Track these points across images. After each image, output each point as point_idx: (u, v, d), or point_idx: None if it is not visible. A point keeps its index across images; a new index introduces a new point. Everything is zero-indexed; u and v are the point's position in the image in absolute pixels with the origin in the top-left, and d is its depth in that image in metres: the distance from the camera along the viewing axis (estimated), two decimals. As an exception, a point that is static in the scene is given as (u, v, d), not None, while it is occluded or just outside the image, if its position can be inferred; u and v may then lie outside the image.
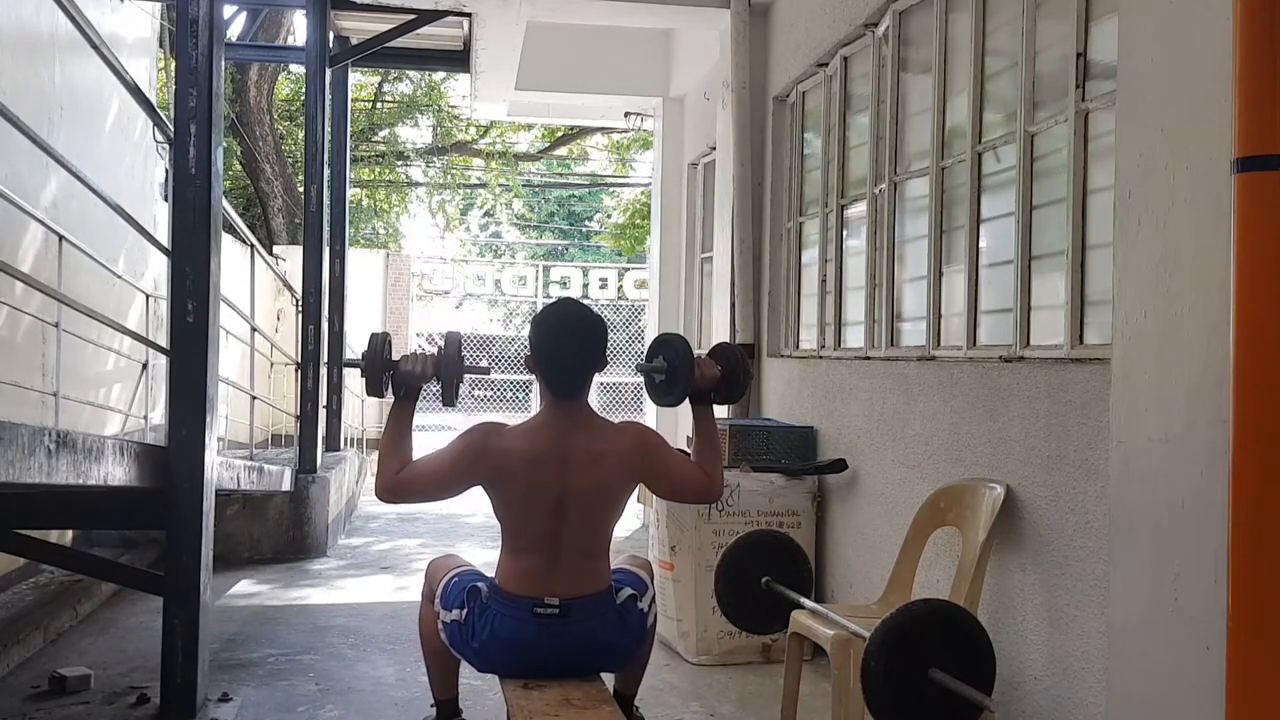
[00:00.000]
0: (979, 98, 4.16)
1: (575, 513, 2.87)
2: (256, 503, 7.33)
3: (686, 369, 3.03)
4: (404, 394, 2.97)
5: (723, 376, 3.09)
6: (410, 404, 2.98)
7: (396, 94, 19.26)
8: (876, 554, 4.59)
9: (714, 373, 3.08)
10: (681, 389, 3.06)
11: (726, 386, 3.11)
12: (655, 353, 3.17)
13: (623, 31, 8.75)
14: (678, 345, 3.11)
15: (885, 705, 2.63)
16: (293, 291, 10.00)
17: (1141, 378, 2.52)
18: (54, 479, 2.97)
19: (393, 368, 2.94)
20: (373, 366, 2.91)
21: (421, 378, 2.94)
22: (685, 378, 3.03)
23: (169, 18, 8.83)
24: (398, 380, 2.95)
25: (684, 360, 3.04)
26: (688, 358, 3.04)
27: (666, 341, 3.17)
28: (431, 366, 2.94)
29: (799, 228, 6.14)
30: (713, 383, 3.08)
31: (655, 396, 3.21)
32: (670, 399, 3.12)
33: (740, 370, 3.11)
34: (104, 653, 4.88)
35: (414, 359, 2.95)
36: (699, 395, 3.10)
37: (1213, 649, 2.17)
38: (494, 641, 2.88)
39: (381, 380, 2.94)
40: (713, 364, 3.10)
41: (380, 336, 2.97)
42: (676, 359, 3.07)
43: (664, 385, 3.12)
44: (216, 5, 4.01)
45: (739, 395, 3.16)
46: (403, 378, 2.94)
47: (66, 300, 3.89)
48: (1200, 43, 2.35)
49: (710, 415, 3.13)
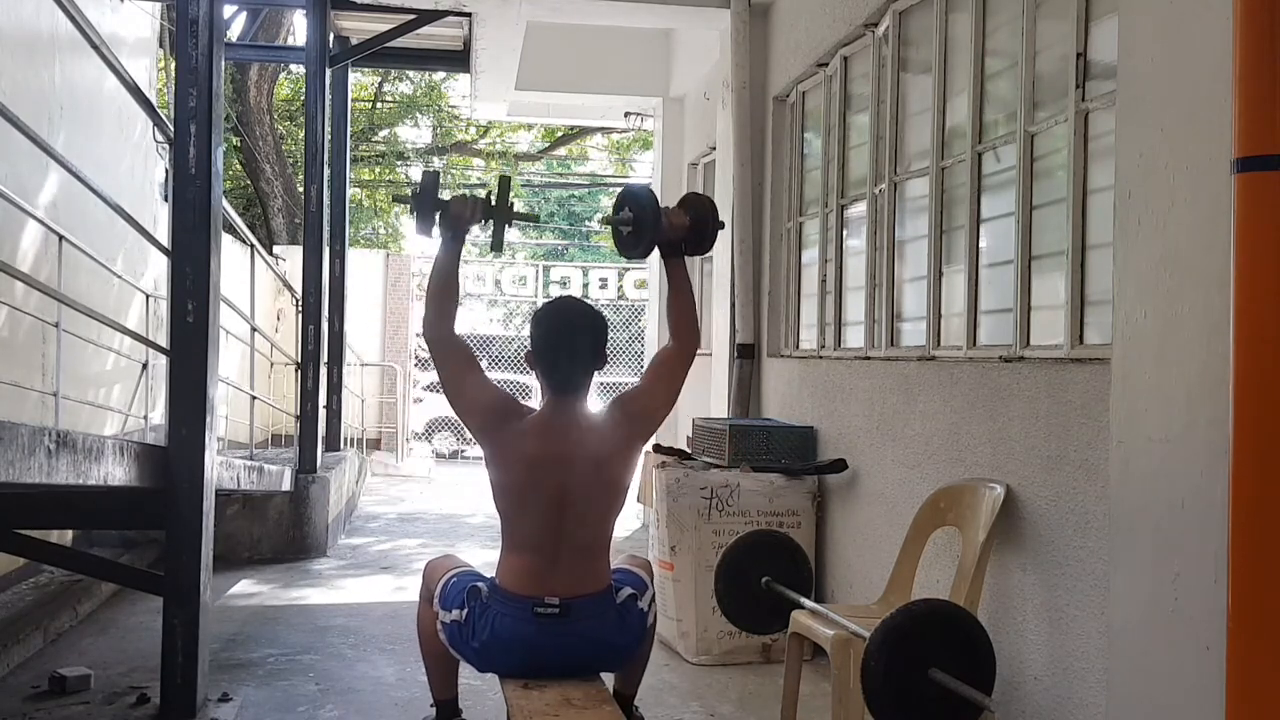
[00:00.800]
0: (979, 98, 4.16)
1: (575, 512, 2.87)
2: (256, 503, 7.33)
3: (652, 218, 3.00)
4: (452, 235, 2.97)
5: (691, 225, 3.06)
6: (458, 247, 2.99)
7: (396, 94, 19.27)
8: (876, 554, 4.59)
9: (683, 221, 3.06)
10: (649, 238, 3.04)
11: (696, 235, 3.08)
12: (621, 205, 3.14)
13: (623, 31, 8.75)
14: (642, 195, 3.10)
15: (885, 705, 2.63)
16: (293, 291, 10.00)
17: (1141, 378, 2.52)
18: (54, 479, 2.97)
19: (443, 207, 2.94)
20: (424, 203, 2.92)
21: (471, 219, 2.97)
22: (651, 226, 3.01)
23: (169, 18, 8.83)
24: (447, 220, 2.95)
25: (649, 210, 3.02)
26: (653, 207, 3.02)
27: (632, 193, 3.15)
28: (482, 208, 2.95)
29: (799, 228, 6.14)
30: (682, 232, 3.06)
31: (623, 249, 3.19)
32: (639, 250, 3.10)
33: (709, 217, 3.09)
34: (104, 653, 4.88)
35: (464, 200, 2.96)
36: (669, 246, 3.08)
37: (1213, 649, 2.17)
38: (494, 641, 2.88)
39: (431, 218, 2.94)
40: (681, 213, 3.08)
41: (432, 175, 2.99)
42: (641, 210, 3.05)
43: (631, 237, 3.10)
44: (216, 5, 4.01)
45: (709, 244, 3.14)
46: (453, 218, 2.95)
47: (66, 300, 3.89)
48: (1200, 43, 2.35)
49: (681, 266, 3.11)
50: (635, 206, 3.08)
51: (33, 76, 6.21)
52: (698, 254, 3.17)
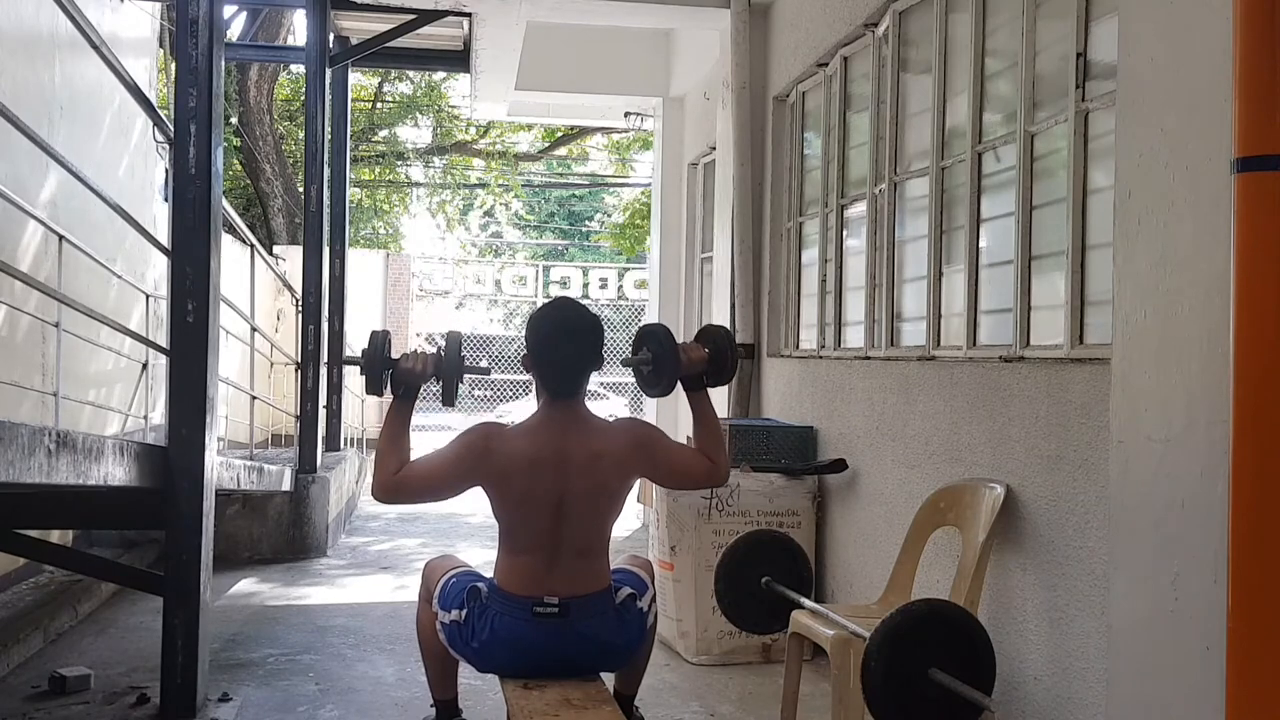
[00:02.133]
0: (979, 98, 4.16)
1: (574, 512, 2.87)
2: (256, 503, 7.33)
3: (671, 357, 3.03)
4: (403, 393, 2.96)
5: (710, 358, 3.09)
6: (409, 403, 2.97)
7: (396, 94, 19.26)
8: (876, 554, 4.59)
9: (701, 355, 3.07)
10: (669, 377, 3.06)
11: (715, 368, 3.10)
12: (640, 345, 3.18)
13: (623, 31, 8.75)
14: (660, 334, 3.12)
15: (885, 705, 2.63)
16: (293, 291, 10.00)
17: (1141, 378, 2.52)
18: (54, 479, 2.97)
19: (392, 366, 2.93)
20: (373, 364, 2.91)
21: (421, 376, 2.94)
22: (671, 365, 3.03)
23: (169, 18, 8.83)
24: (397, 379, 2.94)
25: (667, 348, 3.05)
26: (670, 345, 3.05)
27: (649, 333, 3.17)
28: (432, 365, 2.94)
29: (799, 228, 6.14)
30: (701, 365, 3.07)
31: (646, 388, 3.22)
32: (660, 388, 3.12)
33: (727, 349, 3.11)
34: (104, 653, 4.88)
35: (414, 357, 2.94)
36: (690, 380, 3.10)
37: (1213, 649, 2.17)
38: (494, 641, 2.88)
39: (381, 378, 2.93)
40: (699, 347, 3.10)
41: (380, 335, 2.97)
42: (659, 348, 3.08)
43: (651, 376, 3.13)
44: (216, 5, 4.01)
45: (729, 375, 3.16)
46: (402, 376, 2.93)
47: (66, 300, 3.89)
48: (1200, 43, 2.35)
49: (705, 398, 3.13)
50: (652, 344, 3.12)
51: (33, 76, 6.21)
52: (719, 385, 3.20)
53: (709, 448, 3.08)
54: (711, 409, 3.14)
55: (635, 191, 21.60)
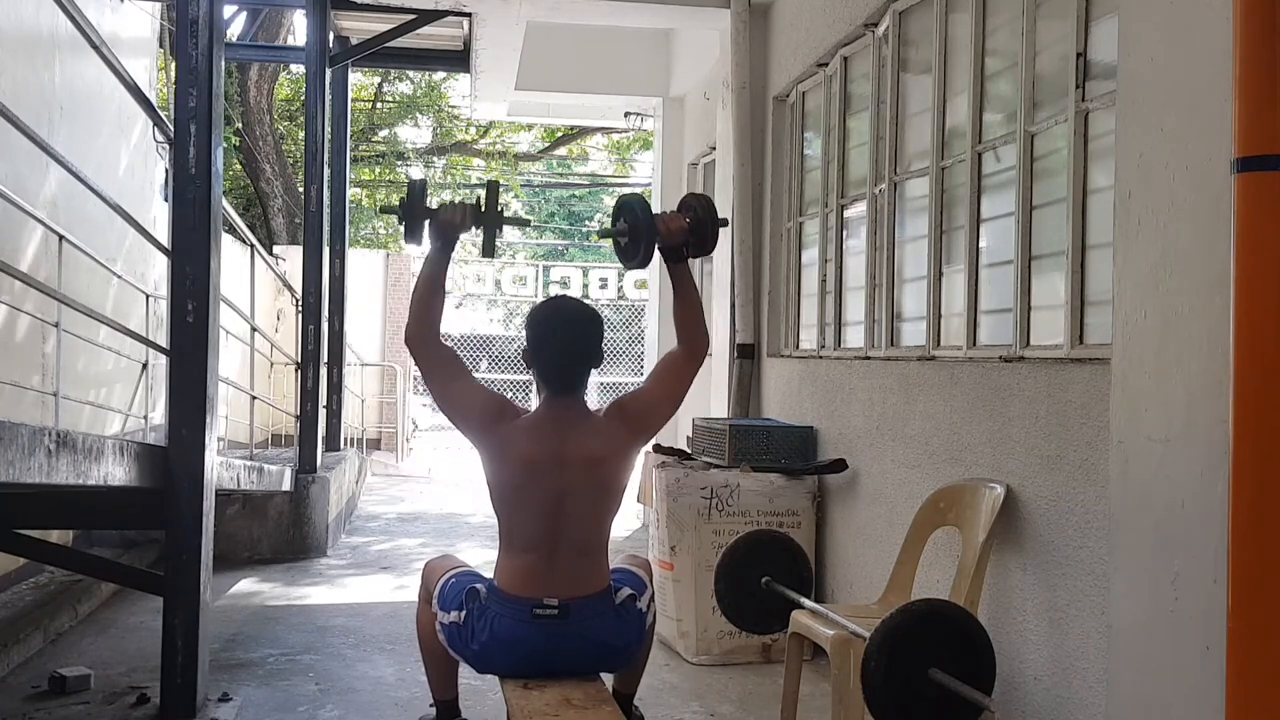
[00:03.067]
0: (979, 98, 4.16)
1: (573, 512, 2.87)
2: (256, 503, 7.33)
3: (648, 226, 2.97)
4: (442, 243, 2.94)
5: (691, 226, 3.02)
6: (447, 254, 2.96)
7: (396, 94, 19.25)
8: (876, 554, 4.59)
9: (681, 224, 3.01)
10: (646, 246, 3.00)
11: (697, 237, 3.04)
12: (617, 217, 3.12)
13: (623, 31, 8.75)
14: (635, 204, 3.07)
15: (885, 705, 2.63)
16: (293, 291, 9.99)
17: (1141, 378, 2.52)
18: (54, 479, 2.97)
19: (431, 215, 2.91)
20: (413, 212, 2.89)
21: (461, 226, 2.93)
22: (648, 234, 2.97)
23: (169, 18, 8.83)
24: (436, 228, 2.93)
25: (644, 218, 2.99)
26: (647, 215, 3.00)
27: (626, 204, 3.12)
28: (471, 214, 2.92)
29: (799, 228, 6.14)
30: (681, 235, 3.01)
31: (624, 260, 3.15)
32: (638, 260, 3.06)
33: (708, 217, 3.04)
34: (104, 653, 4.88)
35: (453, 208, 2.93)
36: (671, 251, 3.04)
37: (1213, 649, 2.17)
38: (493, 642, 2.87)
39: (420, 227, 2.92)
40: (679, 216, 3.04)
41: (419, 183, 2.95)
42: (637, 218, 3.03)
43: (629, 247, 3.06)
44: (216, 5, 4.01)
45: (711, 245, 3.09)
46: (442, 225, 2.92)
47: (66, 300, 3.89)
48: (1200, 43, 2.35)
49: (685, 270, 3.06)
50: (629, 215, 3.06)
51: (33, 76, 6.21)
52: (701, 255, 3.13)
53: (687, 322, 3.03)
54: (691, 281, 3.07)
55: (635, 191, 21.59)
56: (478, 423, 2.88)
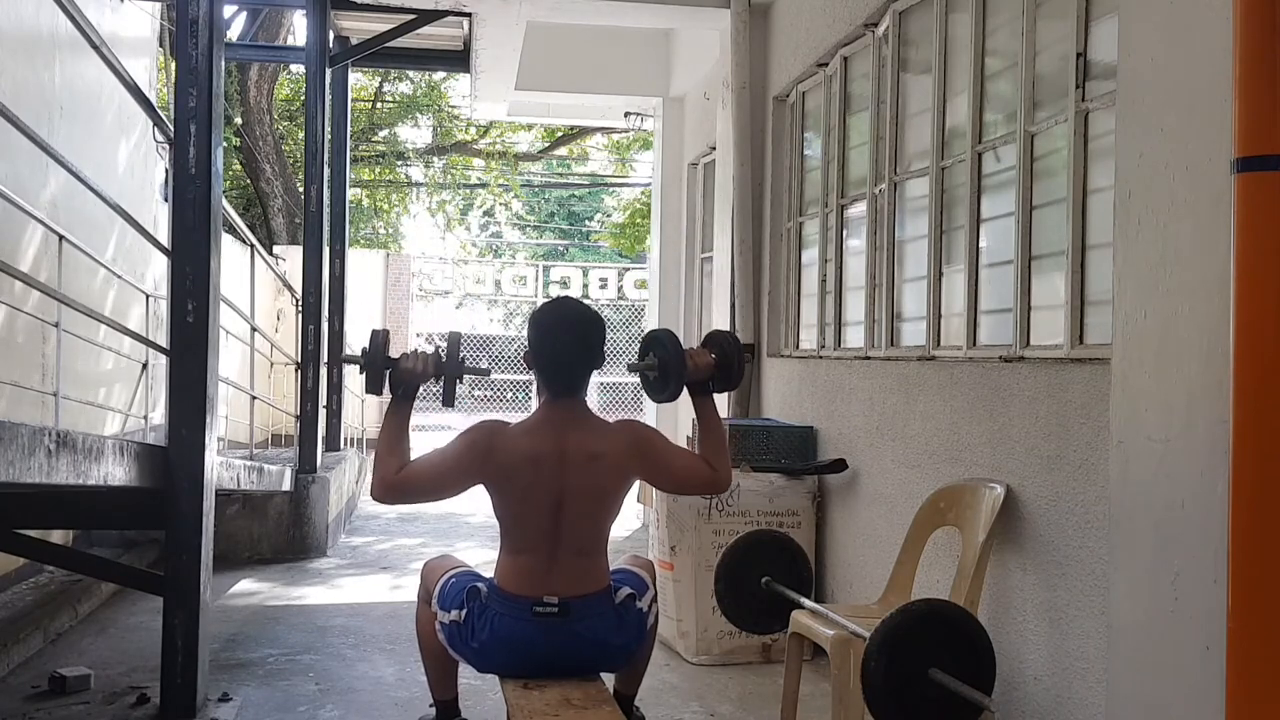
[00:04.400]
0: (979, 98, 4.16)
1: (573, 512, 2.87)
2: (256, 503, 7.33)
3: (677, 362, 3.02)
4: (403, 392, 2.95)
5: (718, 364, 3.08)
6: (409, 403, 2.96)
7: (396, 94, 19.25)
8: (876, 554, 4.59)
9: (708, 361, 3.07)
10: (675, 383, 3.06)
11: (723, 374, 3.09)
12: (645, 351, 3.17)
13: (623, 31, 8.75)
14: (666, 340, 3.12)
15: (885, 705, 2.63)
16: (293, 291, 10.00)
17: (1141, 378, 2.52)
18: (54, 479, 2.97)
19: (392, 365, 2.92)
20: (373, 364, 2.90)
21: (421, 376, 2.93)
22: (677, 371, 3.03)
23: (169, 18, 8.83)
24: (397, 378, 2.93)
25: (674, 354, 3.04)
26: (677, 351, 3.04)
27: (655, 339, 3.17)
28: (432, 365, 2.93)
29: (799, 228, 6.14)
30: (708, 371, 3.07)
31: (652, 394, 3.22)
32: (666, 394, 3.12)
33: (735, 355, 3.10)
34: (104, 653, 4.88)
35: (414, 357, 2.93)
36: (696, 386, 3.09)
37: (1213, 649, 2.17)
38: (493, 641, 2.88)
39: (381, 378, 2.92)
40: (706, 353, 3.09)
41: (381, 334, 2.96)
42: (666, 354, 3.08)
43: (658, 382, 3.13)
44: (216, 5, 4.01)
45: (736, 382, 3.14)
46: (402, 375, 2.92)
47: (66, 300, 3.89)
48: (1200, 43, 2.35)
49: (710, 404, 3.12)
50: (659, 350, 3.11)
51: (33, 76, 6.21)
52: (727, 390, 3.18)
53: (711, 454, 3.07)
54: (716, 415, 3.12)
55: (635, 191, 21.59)
56: (479, 467, 2.87)
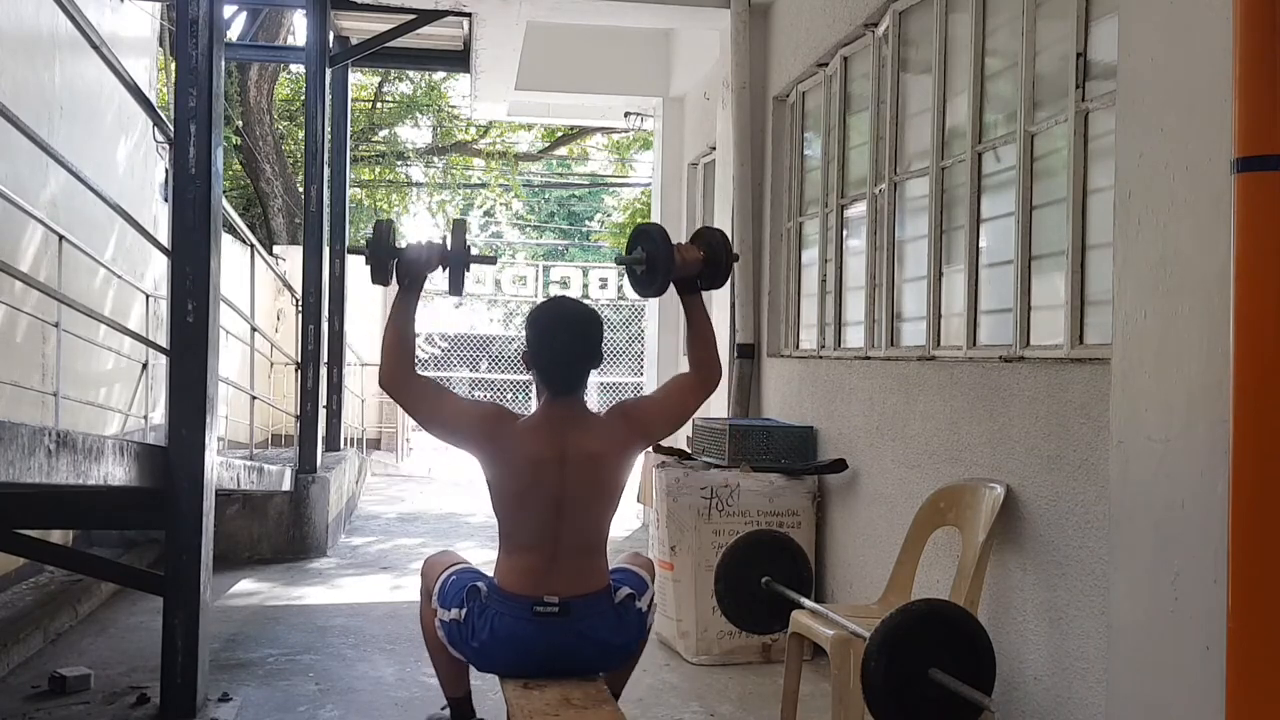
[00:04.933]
0: (979, 98, 4.16)
1: (574, 512, 2.87)
2: (256, 503, 7.33)
3: (666, 256, 2.98)
4: (409, 282, 2.93)
5: (705, 259, 3.05)
6: (415, 293, 2.95)
7: (396, 94, 19.24)
8: (876, 554, 4.59)
9: (696, 256, 3.04)
10: (663, 276, 3.01)
11: (710, 270, 3.07)
12: (634, 244, 3.13)
13: (623, 31, 8.75)
14: (655, 234, 3.07)
15: (885, 705, 2.63)
16: (293, 291, 10.00)
17: (1141, 378, 2.52)
18: (54, 479, 2.97)
19: (398, 254, 2.91)
20: (378, 252, 2.89)
21: (428, 265, 2.92)
22: (665, 264, 2.98)
23: (169, 18, 8.83)
24: (403, 267, 2.92)
25: (662, 248, 3.00)
26: (665, 245, 3.00)
27: (644, 232, 3.13)
28: (437, 254, 2.92)
29: (799, 228, 6.14)
30: (696, 266, 3.04)
31: (638, 288, 3.17)
32: (653, 289, 3.08)
33: (722, 251, 3.07)
34: (104, 653, 4.88)
35: (419, 247, 2.92)
36: (684, 283, 3.06)
37: (1213, 649, 2.17)
38: (493, 641, 2.88)
39: (387, 267, 2.91)
40: (694, 248, 3.06)
41: (386, 223, 2.95)
42: (655, 248, 3.03)
43: (645, 276, 3.08)
44: (216, 5, 4.01)
45: (724, 279, 3.12)
46: (409, 264, 2.91)
47: (66, 300, 3.89)
48: (1200, 43, 2.35)
49: (698, 301, 3.10)
50: (648, 244, 3.07)
51: (33, 76, 6.21)
52: (713, 288, 3.16)
53: (700, 352, 3.06)
54: (704, 311, 3.11)
55: (635, 191, 21.58)
56: (479, 433, 2.87)
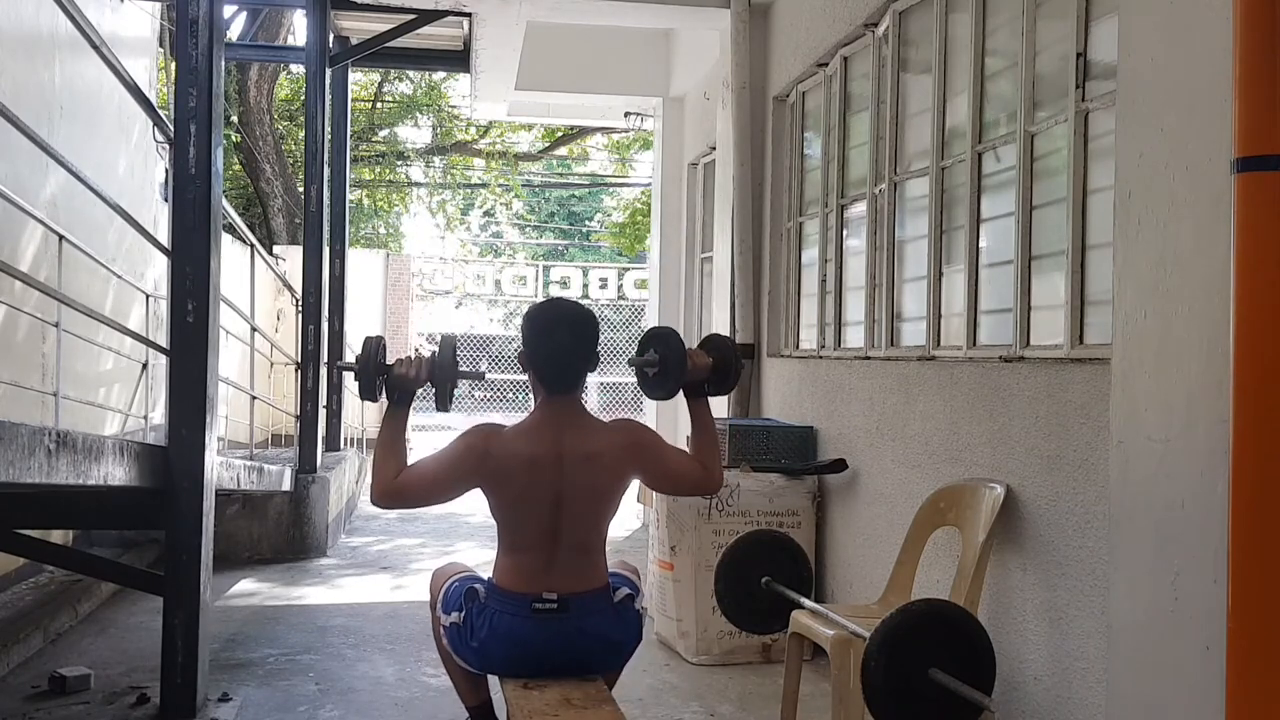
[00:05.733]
0: (979, 98, 4.16)
1: (571, 511, 2.87)
2: (256, 503, 7.33)
3: (679, 362, 3.02)
4: (398, 398, 2.95)
5: (714, 367, 3.09)
6: (405, 408, 2.96)
7: (396, 94, 19.25)
8: (876, 554, 4.59)
9: (705, 363, 3.08)
10: (674, 381, 3.06)
11: (719, 377, 3.10)
12: (646, 346, 3.16)
13: (623, 31, 8.75)
14: (669, 339, 3.11)
15: (885, 705, 2.63)
16: (293, 291, 9.99)
17: (1141, 378, 2.52)
18: (54, 479, 2.97)
19: (386, 372, 2.92)
20: (367, 371, 2.90)
21: (416, 382, 2.92)
22: (678, 370, 3.02)
23: (169, 18, 8.83)
24: (392, 385, 2.93)
25: (676, 353, 3.04)
26: (679, 350, 3.04)
27: (658, 335, 3.17)
28: (426, 370, 2.92)
29: (799, 228, 6.14)
30: (705, 373, 3.08)
31: (648, 390, 3.20)
32: (663, 392, 3.12)
33: (731, 359, 3.11)
34: (104, 653, 4.88)
35: (408, 363, 2.92)
36: (692, 387, 3.09)
37: (1213, 649, 2.17)
38: (492, 639, 2.87)
39: (376, 385, 2.92)
40: (704, 355, 3.10)
41: (374, 341, 2.95)
42: (668, 352, 3.07)
43: (657, 379, 3.12)
44: (216, 5, 4.01)
45: (731, 385, 3.15)
46: (397, 382, 2.92)
47: (66, 300, 3.89)
48: (1200, 43, 2.35)
49: (705, 406, 3.13)
50: (662, 349, 3.09)
51: (33, 76, 6.21)
52: (721, 394, 3.19)
53: (704, 455, 3.08)
54: (710, 416, 3.13)
55: (635, 191, 21.59)
56: (476, 474, 2.87)
